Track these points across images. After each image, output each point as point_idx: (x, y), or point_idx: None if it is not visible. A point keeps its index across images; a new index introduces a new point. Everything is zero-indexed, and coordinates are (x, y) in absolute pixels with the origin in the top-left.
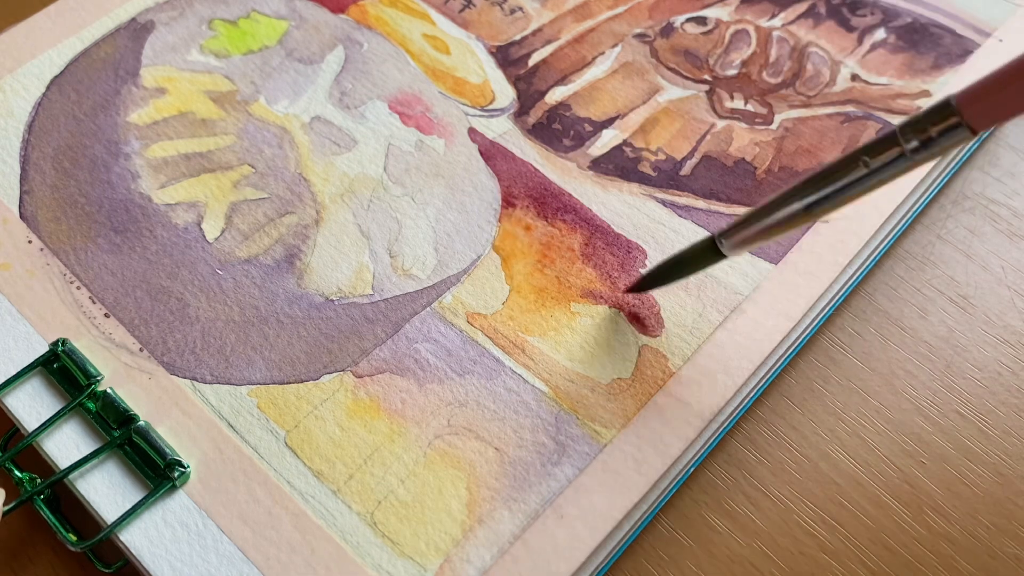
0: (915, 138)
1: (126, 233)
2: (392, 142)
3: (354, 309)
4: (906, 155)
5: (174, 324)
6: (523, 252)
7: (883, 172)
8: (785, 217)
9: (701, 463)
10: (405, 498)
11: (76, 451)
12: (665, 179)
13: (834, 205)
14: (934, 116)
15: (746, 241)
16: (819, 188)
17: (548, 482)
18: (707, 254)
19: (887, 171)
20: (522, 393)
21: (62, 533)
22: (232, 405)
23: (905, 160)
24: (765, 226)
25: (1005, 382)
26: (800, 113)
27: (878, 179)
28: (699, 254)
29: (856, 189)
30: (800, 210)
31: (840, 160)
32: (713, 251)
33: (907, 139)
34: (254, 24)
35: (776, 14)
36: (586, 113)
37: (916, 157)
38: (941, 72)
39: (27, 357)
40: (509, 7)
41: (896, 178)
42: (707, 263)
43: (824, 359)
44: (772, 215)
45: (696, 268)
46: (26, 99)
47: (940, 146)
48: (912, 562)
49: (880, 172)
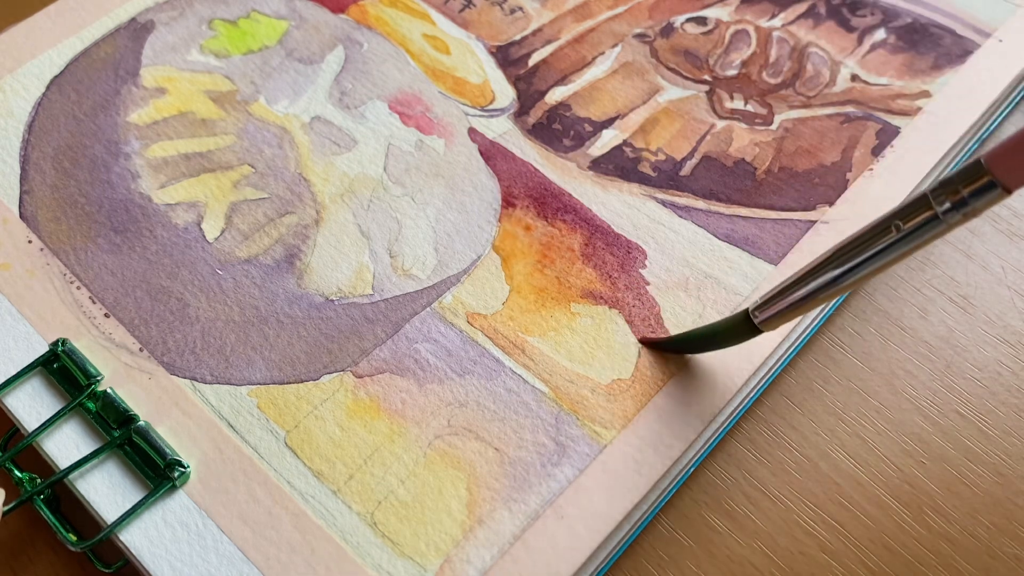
0: (947, 200)
1: (126, 233)
2: (392, 142)
3: (354, 309)
4: (939, 217)
5: (174, 324)
6: (523, 252)
7: (916, 236)
8: (818, 287)
9: (701, 463)
10: (405, 498)
11: (76, 451)
12: (665, 179)
13: (868, 272)
14: (965, 177)
15: (780, 315)
16: (851, 256)
17: (548, 482)
18: (742, 328)
19: (921, 235)
20: (522, 393)
21: (62, 533)
22: (232, 405)
23: (939, 223)
24: (798, 298)
25: (1005, 382)
26: (800, 113)
27: (912, 243)
28: (733, 328)
29: (889, 255)
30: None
31: (871, 226)
32: (747, 326)
33: (939, 201)
34: (254, 24)
35: (776, 14)
36: (586, 113)
37: (949, 219)
38: (941, 72)
39: (27, 357)
40: (509, 7)
41: (932, 241)
42: (741, 338)
43: (824, 359)
44: (805, 286)
45: (729, 343)
46: (26, 99)
47: (973, 207)
48: (912, 562)
49: (913, 236)
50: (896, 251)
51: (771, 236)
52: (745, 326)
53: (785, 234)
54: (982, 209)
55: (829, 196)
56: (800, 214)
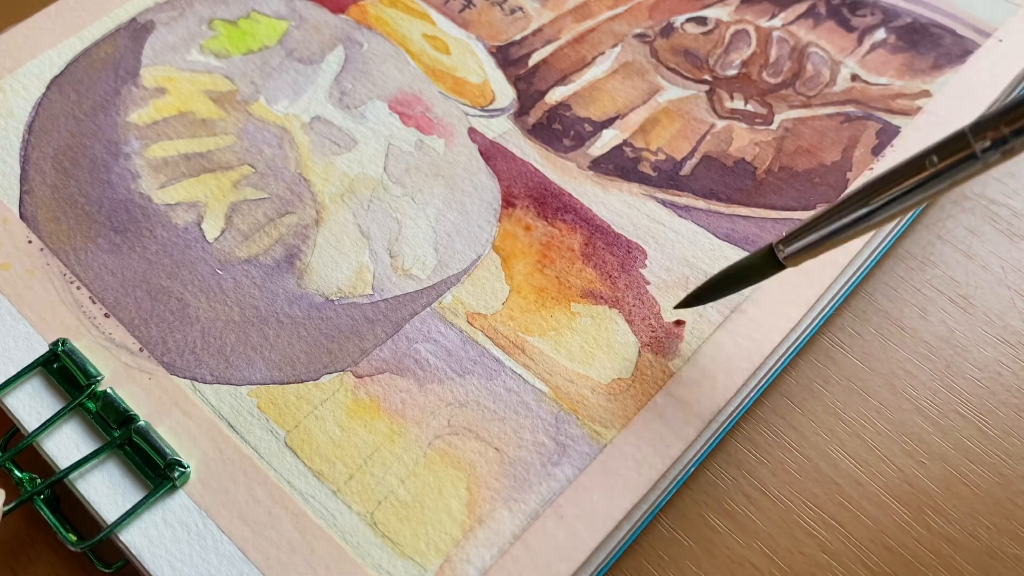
0: (987, 137)
1: (126, 233)
2: (392, 142)
3: (354, 309)
4: (977, 155)
5: (174, 324)
6: (523, 252)
7: (952, 174)
8: (848, 223)
9: (701, 463)
10: (405, 498)
11: (76, 451)
12: (665, 179)
13: (899, 210)
14: (1008, 115)
15: (806, 249)
16: (883, 191)
17: (548, 482)
18: (765, 264)
19: (956, 173)
20: (522, 393)
21: (62, 533)
22: (232, 405)
23: (976, 161)
24: (826, 232)
25: (1005, 382)
26: (800, 113)
27: (946, 182)
28: (756, 264)
29: (921, 193)
30: (863, 215)
31: (905, 162)
32: (771, 261)
33: (978, 138)
34: (254, 24)
35: (776, 14)
36: (586, 113)
37: (988, 158)
38: (941, 72)
39: (27, 357)
40: (509, 7)
41: (966, 180)
42: (765, 274)
43: (824, 359)
44: (833, 222)
45: (753, 280)
46: (26, 99)
47: (1012, 145)
48: (912, 562)
49: (948, 174)
50: (929, 189)
51: (771, 236)
52: (769, 261)
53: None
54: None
55: (829, 196)
56: (800, 214)
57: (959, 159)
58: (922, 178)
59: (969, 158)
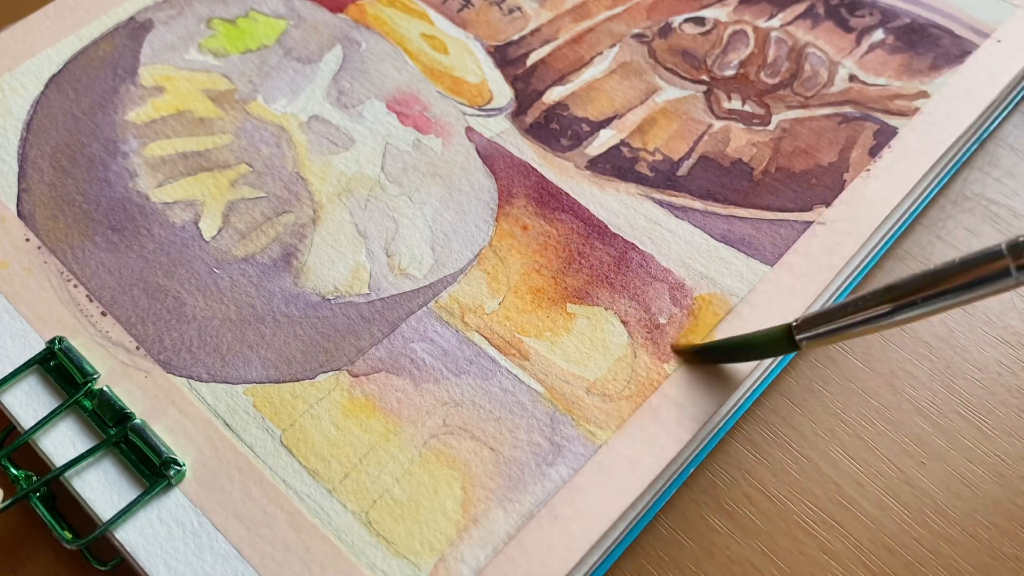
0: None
1: (123, 231)
2: (390, 141)
3: (350, 308)
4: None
5: (171, 322)
6: (520, 252)
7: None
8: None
9: (701, 463)
10: (400, 497)
11: (72, 449)
12: (662, 179)
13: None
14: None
15: (822, 337)
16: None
17: (543, 482)
18: (781, 344)
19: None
20: (517, 393)
21: (57, 531)
22: (228, 404)
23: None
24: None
25: (1005, 382)
26: (798, 114)
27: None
28: (772, 343)
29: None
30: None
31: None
32: (788, 343)
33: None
34: (252, 23)
35: (774, 15)
36: (584, 113)
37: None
38: (939, 73)
39: (23, 355)
40: (507, 7)
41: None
42: (780, 352)
43: (824, 359)
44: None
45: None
46: (24, 97)
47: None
48: (912, 562)
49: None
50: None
51: (768, 237)
52: (785, 343)
53: (782, 235)
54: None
55: (826, 197)
56: (797, 215)
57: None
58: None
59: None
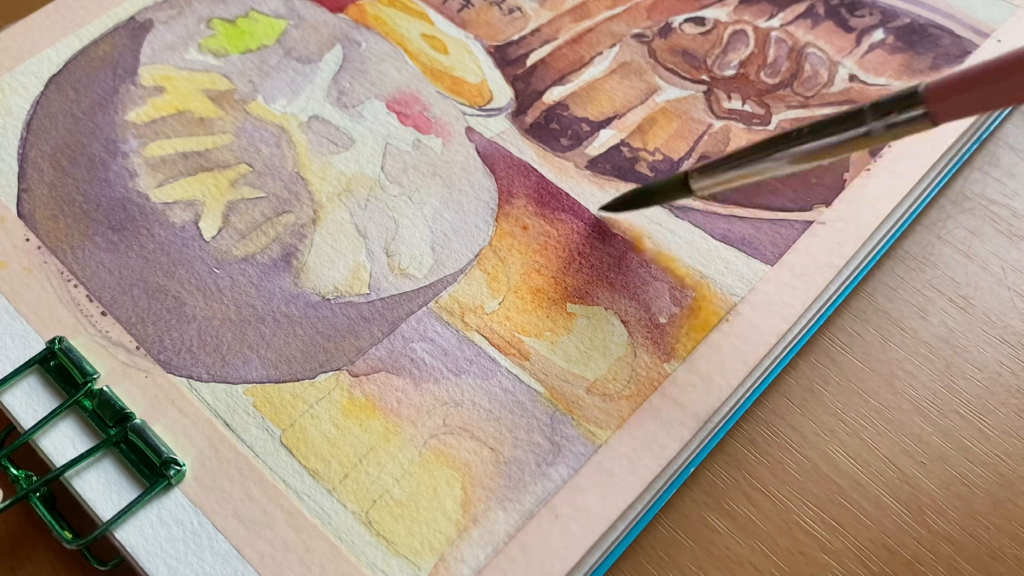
0: (882, 120)
1: (123, 231)
2: (390, 141)
3: (350, 308)
4: (871, 134)
5: (171, 322)
6: (520, 252)
7: (846, 147)
8: (750, 172)
9: (701, 463)
10: (400, 497)
11: (72, 449)
12: None
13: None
14: (902, 102)
15: (714, 184)
16: (781, 149)
17: (543, 482)
18: (678, 189)
19: (850, 146)
20: (517, 393)
21: (57, 531)
22: (228, 404)
23: (867, 139)
24: (730, 177)
25: (1005, 382)
26: (797, 114)
27: (840, 150)
28: (670, 188)
29: (818, 158)
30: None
31: (806, 126)
32: (684, 187)
33: (874, 118)
34: (252, 23)
35: (774, 14)
36: (584, 113)
37: (878, 137)
38: (939, 73)
39: (24, 355)
40: (507, 7)
41: (856, 151)
42: (676, 196)
43: (824, 359)
44: (741, 165)
45: (665, 199)
46: (24, 97)
47: (900, 131)
48: (912, 562)
49: (843, 146)
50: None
51: (768, 237)
52: (682, 187)
53: (782, 235)
54: (909, 134)
55: (826, 196)
56: (797, 215)
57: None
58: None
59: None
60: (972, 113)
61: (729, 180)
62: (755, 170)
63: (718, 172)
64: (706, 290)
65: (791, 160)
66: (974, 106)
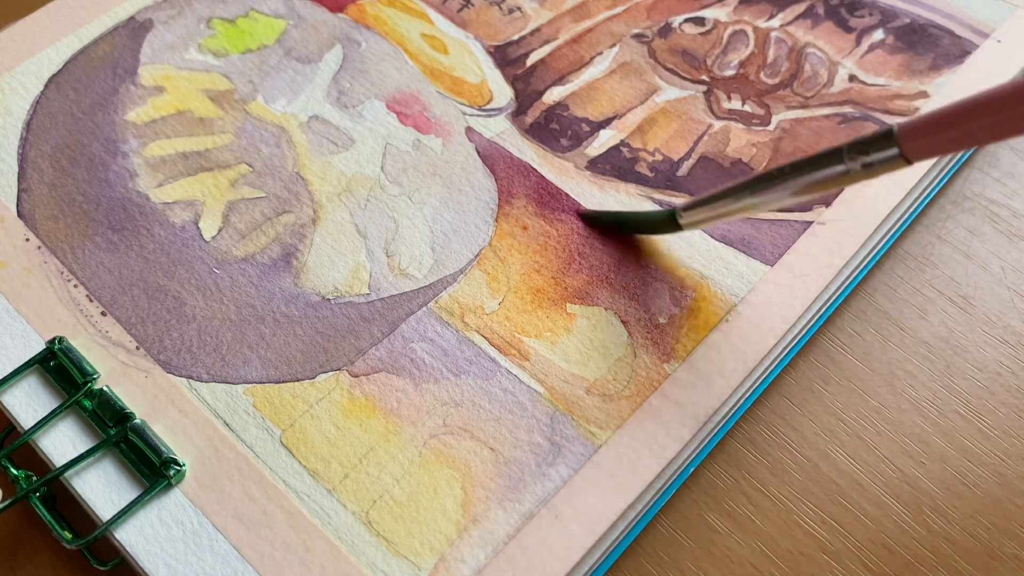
0: (858, 159)
1: (123, 231)
2: (390, 141)
3: (350, 308)
4: (849, 173)
5: (171, 322)
6: (520, 252)
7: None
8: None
9: (701, 463)
10: (400, 497)
11: (72, 449)
12: (662, 180)
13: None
14: (878, 142)
15: (700, 221)
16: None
17: (543, 482)
18: (665, 224)
19: (830, 184)
20: (517, 393)
21: (57, 531)
22: (228, 404)
23: (846, 177)
24: (717, 213)
25: (1005, 382)
26: (797, 114)
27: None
28: (659, 223)
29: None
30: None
31: (788, 165)
32: (671, 223)
33: (851, 158)
34: (252, 23)
35: (774, 15)
36: (584, 113)
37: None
38: (939, 73)
39: (23, 355)
40: (507, 7)
41: (835, 188)
42: (662, 231)
43: (824, 359)
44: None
45: (651, 232)
46: (24, 97)
47: (877, 170)
48: (912, 562)
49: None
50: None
51: (767, 237)
52: (670, 223)
53: (781, 235)
54: (885, 172)
55: (826, 197)
56: (796, 215)
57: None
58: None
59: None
60: (945, 152)
61: (714, 217)
62: (739, 207)
63: (704, 209)
64: (706, 290)
65: (775, 198)
66: (946, 147)
